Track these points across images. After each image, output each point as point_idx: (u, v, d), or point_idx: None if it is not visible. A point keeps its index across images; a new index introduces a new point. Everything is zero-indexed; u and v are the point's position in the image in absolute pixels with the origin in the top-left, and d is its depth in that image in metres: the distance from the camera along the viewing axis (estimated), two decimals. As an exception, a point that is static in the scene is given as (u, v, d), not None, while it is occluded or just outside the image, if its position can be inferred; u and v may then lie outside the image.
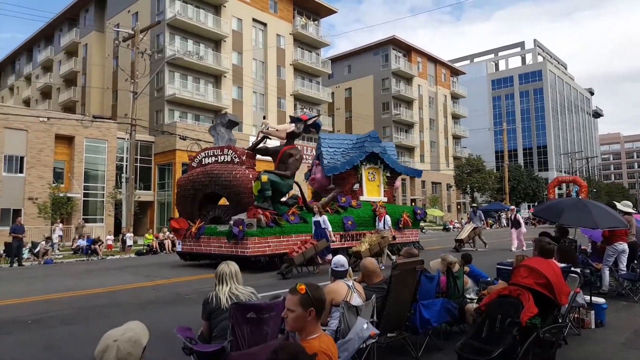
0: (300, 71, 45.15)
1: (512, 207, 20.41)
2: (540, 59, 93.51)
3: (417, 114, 58.29)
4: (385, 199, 16.80)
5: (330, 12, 48.22)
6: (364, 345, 3.75)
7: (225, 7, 38.49)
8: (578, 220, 7.64)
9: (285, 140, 14.39)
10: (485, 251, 17.03)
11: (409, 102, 57.31)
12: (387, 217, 13.63)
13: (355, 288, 4.23)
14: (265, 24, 42.05)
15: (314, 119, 14.60)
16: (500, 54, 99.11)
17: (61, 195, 27.36)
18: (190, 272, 12.63)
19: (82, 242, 20.93)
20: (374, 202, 16.04)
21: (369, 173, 16.83)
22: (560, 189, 51.56)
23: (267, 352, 2.09)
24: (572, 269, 5.64)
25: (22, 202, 26.77)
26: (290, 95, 43.50)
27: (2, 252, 18.39)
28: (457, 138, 67.81)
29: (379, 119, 55.35)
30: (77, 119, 29.01)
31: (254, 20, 41.20)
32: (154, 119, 35.03)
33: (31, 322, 6.98)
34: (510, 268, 5.62)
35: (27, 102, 51.44)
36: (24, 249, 18.28)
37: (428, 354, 4.91)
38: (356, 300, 4.10)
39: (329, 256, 11.59)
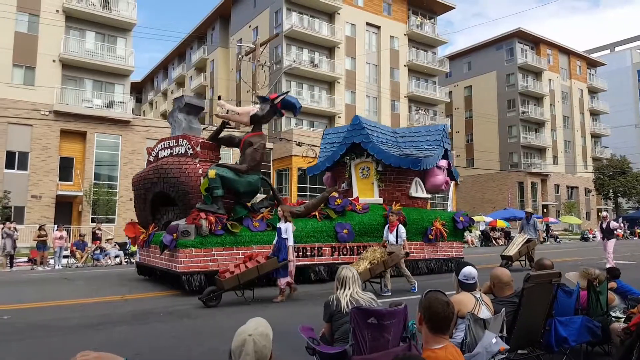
0: (415, 72, 44.01)
1: (605, 213, 15.14)
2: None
3: (549, 111, 53.54)
4: (381, 200, 13.50)
5: (448, 8, 46.40)
6: (493, 361, 3.50)
7: (339, 14, 38.93)
8: None
9: (251, 127, 11.70)
10: (632, 264, 14.55)
11: (538, 99, 52.92)
12: (401, 228, 10.22)
13: (484, 300, 3.98)
14: (378, 27, 41.73)
15: (281, 97, 11.52)
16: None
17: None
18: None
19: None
20: (385, 204, 13.16)
21: (360, 169, 13.93)
22: None
23: (388, 358, 2.18)
24: None
25: (158, 207, 29.34)
26: (405, 97, 42.57)
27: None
28: (596, 137, 61.04)
29: (504, 118, 51.83)
30: (205, 128, 31.13)
31: (367, 24, 41.11)
32: (272, 127, 36.38)
33: (163, 315, 7.68)
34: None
35: (164, 115, 56.83)
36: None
37: (565, 375, 4.26)
38: (484, 313, 3.83)
39: (283, 281, 8.92)
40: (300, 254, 11.12)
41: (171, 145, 11.62)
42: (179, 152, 11.33)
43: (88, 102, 28.02)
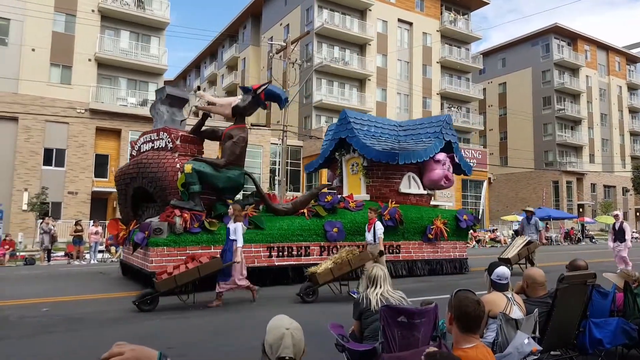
0: (448, 68, 43.35)
1: (617, 212, 13.79)
2: None
3: (586, 108, 51.90)
4: (368, 196, 12.87)
5: (482, 4, 45.46)
6: (524, 362, 3.46)
7: (370, 10, 38.66)
8: None
9: (234, 119, 10.99)
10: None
11: (574, 96, 51.34)
12: (379, 225, 9.50)
13: (515, 300, 3.94)
14: (410, 24, 41.25)
15: (263, 87, 10.71)
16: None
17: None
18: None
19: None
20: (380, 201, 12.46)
21: (350, 165, 13.59)
22: None
23: (419, 357, 2.14)
24: None
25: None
26: (437, 94, 41.98)
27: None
28: (635, 135, 58.77)
29: (539, 115, 50.49)
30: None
31: (400, 20, 40.70)
32: (302, 125, 36.46)
33: (201, 309, 7.83)
34: None
35: (195, 113, 57.59)
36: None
37: (599, 377, 4.19)
38: (516, 313, 3.78)
39: (223, 285, 8.06)
40: (286, 253, 10.72)
41: (152, 138, 11.07)
42: (160, 146, 10.79)
43: (122, 100, 28.65)
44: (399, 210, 12.05)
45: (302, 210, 11.31)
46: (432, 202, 13.56)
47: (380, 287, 3.85)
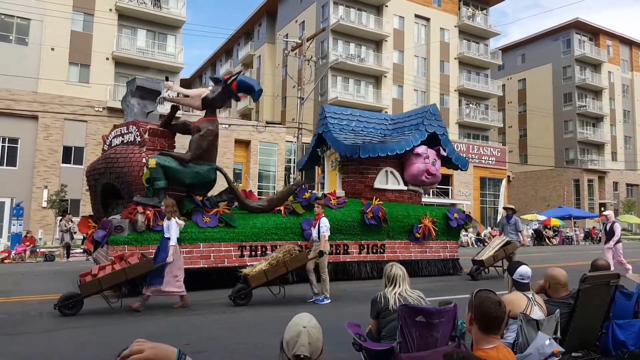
0: (466, 64, 42.84)
1: (608, 212, 12.84)
2: None
3: (608, 105, 50.86)
4: (343, 193, 12.32)
5: (501, -2, 44.82)
6: (545, 363, 3.39)
7: (387, 6, 38.40)
8: None
9: (205, 112, 10.44)
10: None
11: (596, 92, 50.33)
12: (324, 221, 8.46)
13: (536, 301, 3.90)
14: (428, 19, 40.87)
15: (234, 77, 10.05)
16: None
17: (239, 193, 30.01)
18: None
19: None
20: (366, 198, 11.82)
21: (331, 161, 13.30)
22: None
23: (437, 357, 2.12)
24: None
25: (207, 200, 30.01)
26: (455, 90, 41.49)
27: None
28: (659, 132, 57.51)
29: (560, 112, 49.61)
30: (253, 125, 31.54)
31: (417, 16, 40.36)
32: (317, 122, 36.34)
33: (218, 306, 7.89)
34: None
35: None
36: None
37: (622, 380, 4.09)
38: (537, 313, 3.74)
39: (153, 288, 7.51)
40: (259, 252, 10.12)
41: (122, 132, 10.71)
42: (129, 140, 10.41)
43: (140, 98, 28.84)
44: (383, 207, 11.45)
45: (278, 208, 10.78)
46: (450, 201, 13.20)
47: (399, 286, 3.81)
